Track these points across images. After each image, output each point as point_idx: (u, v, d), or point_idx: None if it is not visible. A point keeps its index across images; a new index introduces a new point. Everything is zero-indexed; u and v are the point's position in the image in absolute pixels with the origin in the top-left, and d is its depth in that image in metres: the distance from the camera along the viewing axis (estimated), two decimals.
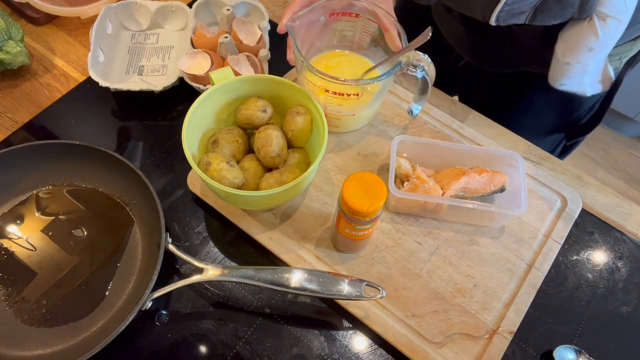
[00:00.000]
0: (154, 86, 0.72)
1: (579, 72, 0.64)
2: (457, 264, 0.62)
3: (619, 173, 1.82)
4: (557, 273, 0.64)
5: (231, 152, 0.62)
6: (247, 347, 0.57)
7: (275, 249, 0.62)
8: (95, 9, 0.79)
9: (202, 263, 0.57)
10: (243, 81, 0.63)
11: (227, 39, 0.73)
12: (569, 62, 0.63)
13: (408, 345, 0.56)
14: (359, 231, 0.55)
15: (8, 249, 0.61)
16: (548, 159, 0.72)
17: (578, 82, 0.66)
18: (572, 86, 0.66)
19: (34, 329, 0.56)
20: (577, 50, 0.61)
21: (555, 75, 0.66)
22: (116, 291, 0.59)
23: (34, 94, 0.76)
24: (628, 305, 0.62)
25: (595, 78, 0.67)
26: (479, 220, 0.64)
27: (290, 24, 0.60)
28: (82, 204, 0.64)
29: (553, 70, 0.65)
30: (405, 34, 0.62)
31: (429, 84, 0.62)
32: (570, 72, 0.64)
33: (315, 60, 0.71)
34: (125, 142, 0.72)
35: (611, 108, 0.78)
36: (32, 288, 0.58)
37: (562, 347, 0.58)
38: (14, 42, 0.73)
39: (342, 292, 0.55)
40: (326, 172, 0.68)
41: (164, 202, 0.66)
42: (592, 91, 0.67)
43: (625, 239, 0.67)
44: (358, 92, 0.62)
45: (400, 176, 0.64)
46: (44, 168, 0.64)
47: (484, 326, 0.58)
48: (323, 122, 0.59)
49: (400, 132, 0.72)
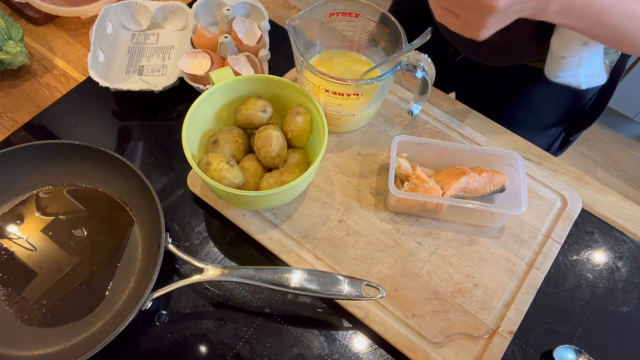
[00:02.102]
0: (154, 86, 0.72)
1: (573, 65, 0.65)
2: (457, 264, 0.62)
3: (619, 173, 1.82)
4: (557, 273, 0.64)
5: (231, 152, 0.62)
6: (247, 347, 0.57)
7: (275, 249, 0.62)
8: (95, 9, 0.79)
9: (202, 263, 0.57)
10: (243, 81, 0.63)
11: (227, 39, 0.73)
12: (564, 56, 0.64)
13: (408, 345, 0.56)
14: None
15: (8, 249, 0.61)
16: (548, 159, 0.72)
17: (573, 74, 0.67)
18: (567, 79, 0.68)
19: (34, 329, 0.56)
20: (571, 44, 0.62)
21: (551, 68, 0.67)
22: (116, 291, 0.59)
23: (34, 94, 0.76)
24: (628, 305, 0.62)
25: (591, 71, 0.68)
26: (479, 220, 0.64)
27: (291, 24, 0.60)
28: (82, 204, 0.64)
29: (549, 63, 0.67)
30: (405, 34, 0.62)
31: (429, 84, 0.62)
32: (565, 66, 0.66)
33: (315, 60, 0.71)
34: (125, 142, 0.72)
35: (611, 108, 0.78)
36: (32, 288, 0.58)
37: (562, 347, 0.58)
38: (14, 42, 0.74)
39: (342, 292, 0.55)
40: (326, 172, 0.68)
41: (164, 202, 0.66)
42: (587, 84, 0.69)
43: (625, 239, 0.67)
44: (358, 92, 0.62)
45: (400, 176, 0.64)
46: (44, 168, 0.64)
47: (484, 326, 0.58)
48: (323, 122, 0.59)
49: (400, 132, 0.72)
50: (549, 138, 0.87)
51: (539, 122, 0.84)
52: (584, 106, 0.82)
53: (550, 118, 0.84)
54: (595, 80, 0.70)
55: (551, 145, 0.88)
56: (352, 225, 0.64)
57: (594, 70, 0.69)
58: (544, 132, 0.85)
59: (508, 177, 0.64)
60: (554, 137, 0.87)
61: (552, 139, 0.87)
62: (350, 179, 0.68)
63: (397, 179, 0.65)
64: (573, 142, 0.89)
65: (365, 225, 0.64)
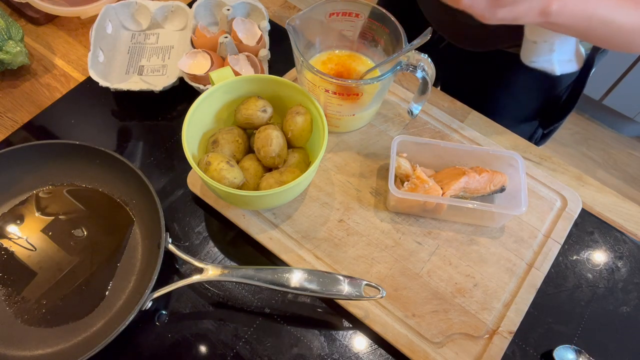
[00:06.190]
0: (154, 86, 0.72)
1: (546, 50, 0.69)
2: (457, 264, 0.62)
3: (619, 173, 1.82)
4: (557, 273, 0.64)
5: (231, 152, 0.62)
6: (247, 347, 0.57)
7: (275, 249, 0.62)
8: (95, 9, 0.79)
9: (202, 263, 0.57)
10: (243, 81, 0.63)
11: (227, 39, 0.73)
12: (536, 41, 0.68)
13: (408, 345, 0.56)
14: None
15: (8, 249, 0.61)
16: (548, 159, 0.72)
17: (546, 60, 0.71)
18: (541, 64, 0.72)
19: (34, 329, 0.56)
20: (542, 30, 0.65)
21: (526, 53, 0.71)
22: (116, 291, 0.59)
23: (34, 94, 0.76)
24: (628, 305, 0.62)
25: (563, 57, 0.72)
26: (479, 220, 0.64)
27: (291, 23, 0.60)
28: (82, 204, 0.64)
29: (524, 48, 0.71)
30: (405, 34, 0.62)
31: (429, 84, 0.62)
32: (538, 51, 0.69)
33: (315, 60, 0.71)
34: (125, 142, 0.72)
35: (611, 108, 0.79)
36: (32, 288, 0.58)
37: (562, 347, 0.58)
38: (14, 42, 0.74)
39: (342, 292, 0.55)
40: (326, 172, 0.68)
41: (164, 202, 0.66)
42: (561, 70, 0.73)
43: (625, 239, 0.67)
44: (358, 92, 0.62)
45: (400, 176, 0.64)
46: (44, 168, 0.64)
47: (484, 326, 0.58)
48: (323, 122, 0.59)
49: (400, 132, 0.72)
50: (530, 127, 0.90)
51: (520, 109, 0.87)
52: (561, 95, 0.84)
53: (530, 105, 0.87)
54: (569, 67, 0.73)
55: (533, 135, 0.91)
56: (352, 225, 0.64)
57: (567, 57, 0.72)
58: (526, 122, 0.88)
59: (508, 177, 0.64)
60: (535, 126, 0.90)
61: (533, 127, 0.90)
62: (350, 179, 0.68)
63: (397, 179, 0.65)
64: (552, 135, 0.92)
65: (365, 225, 0.64)
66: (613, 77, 1.66)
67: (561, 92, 0.84)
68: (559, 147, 1.86)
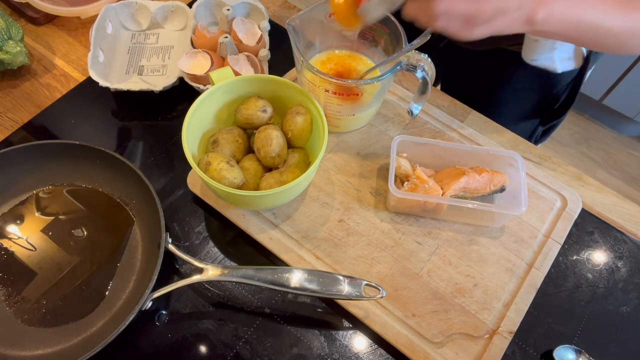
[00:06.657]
0: (154, 86, 0.72)
1: (547, 48, 0.70)
2: (457, 264, 0.62)
3: (619, 173, 1.82)
4: (557, 273, 0.64)
5: (231, 152, 0.62)
6: (247, 347, 0.57)
7: (275, 249, 0.62)
8: (95, 9, 0.79)
9: (202, 263, 0.57)
10: (243, 81, 0.63)
11: (227, 39, 0.73)
12: (537, 39, 0.69)
13: (408, 345, 0.56)
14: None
15: (8, 249, 0.61)
16: (548, 159, 0.72)
17: (548, 57, 0.72)
18: (542, 61, 0.72)
19: (34, 329, 0.56)
20: None
21: (527, 51, 0.72)
22: (116, 291, 0.59)
23: (34, 94, 0.76)
24: (628, 305, 0.62)
25: (564, 55, 0.72)
26: (479, 220, 0.64)
27: (291, 23, 0.60)
28: (82, 204, 0.64)
29: (525, 46, 0.72)
30: (405, 34, 0.62)
31: (429, 84, 0.62)
32: (539, 49, 0.70)
33: (315, 60, 0.71)
34: (125, 142, 0.72)
35: (611, 108, 0.80)
36: (32, 288, 0.58)
37: (562, 347, 0.58)
38: (14, 42, 0.74)
39: (342, 292, 0.55)
40: (326, 172, 0.68)
41: (164, 202, 0.66)
42: (562, 67, 0.73)
43: (625, 239, 0.67)
44: (358, 92, 0.62)
45: (400, 176, 0.64)
46: (44, 168, 0.64)
47: (484, 326, 0.58)
48: (323, 122, 0.59)
49: (400, 132, 0.72)
50: (531, 125, 0.90)
51: (520, 108, 0.87)
52: (560, 93, 0.84)
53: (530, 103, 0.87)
54: (570, 64, 0.74)
55: (533, 133, 0.91)
56: (352, 225, 0.64)
57: (568, 54, 0.73)
58: (526, 120, 0.89)
59: (508, 177, 0.64)
60: (535, 124, 0.91)
61: (534, 125, 0.91)
62: (350, 179, 0.68)
63: (397, 179, 0.65)
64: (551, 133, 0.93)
65: (365, 225, 0.64)
66: (613, 77, 1.66)
67: (561, 90, 0.84)
68: (558, 147, 1.86)
